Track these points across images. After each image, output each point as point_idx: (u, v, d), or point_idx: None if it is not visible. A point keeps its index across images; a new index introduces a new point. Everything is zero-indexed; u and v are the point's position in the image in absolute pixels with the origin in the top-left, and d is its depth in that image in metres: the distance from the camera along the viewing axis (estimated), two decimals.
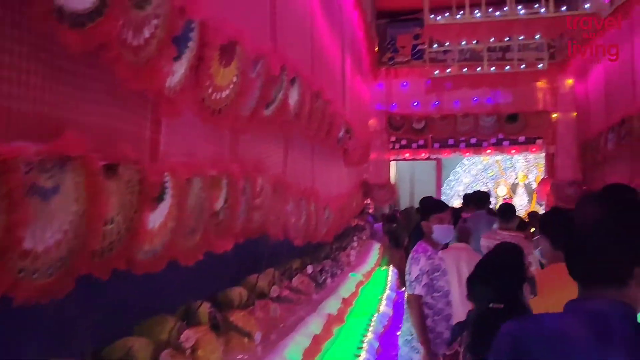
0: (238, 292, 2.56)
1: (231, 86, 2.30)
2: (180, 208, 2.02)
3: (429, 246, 4.04)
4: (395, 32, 9.23)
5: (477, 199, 6.74)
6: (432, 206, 3.99)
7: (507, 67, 6.83)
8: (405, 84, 9.56)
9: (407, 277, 4.08)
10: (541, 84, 8.76)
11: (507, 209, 5.59)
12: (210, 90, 2.15)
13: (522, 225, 6.49)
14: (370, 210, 10.86)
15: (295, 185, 3.83)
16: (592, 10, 4.33)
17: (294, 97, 3.23)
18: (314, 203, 4.40)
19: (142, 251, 1.82)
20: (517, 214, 5.94)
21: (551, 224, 2.98)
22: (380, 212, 10.69)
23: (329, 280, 4.70)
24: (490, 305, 2.35)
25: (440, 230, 3.99)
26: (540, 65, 6.89)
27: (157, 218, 1.88)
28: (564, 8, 5.20)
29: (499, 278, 2.38)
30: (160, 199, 1.87)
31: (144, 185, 1.73)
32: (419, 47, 8.24)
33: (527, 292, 2.40)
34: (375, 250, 8.24)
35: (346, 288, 4.70)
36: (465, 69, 7.23)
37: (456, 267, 4.58)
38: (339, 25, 5.18)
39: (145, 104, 1.84)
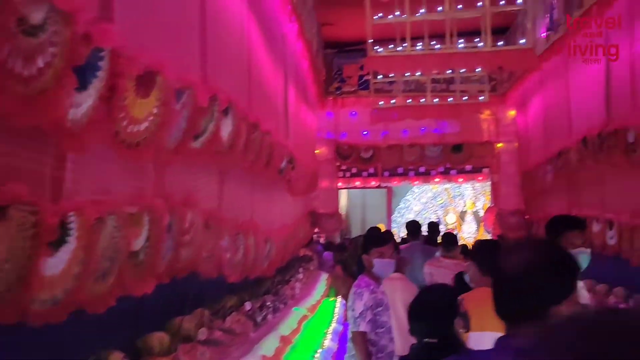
0: (158, 338, 2.37)
1: (150, 118, 2.16)
2: (88, 250, 1.86)
3: (371, 280, 3.95)
4: (342, 62, 9.30)
5: (411, 229, 6.75)
6: (373, 239, 3.90)
7: (450, 99, 6.94)
8: (354, 113, 9.62)
9: (349, 312, 3.97)
10: (485, 115, 9.00)
11: (449, 238, 5.63)
12: (125, 123, 2.01)
13: (466, 251, 6.56)
14: (321, 240, 10.77)
15: (232, 219, 3.69)
16: (528, 46, 4.43)
17: (227, 128, 3.11)
18: (253, 236, 4.25)
19: (38, 301, 1.64)
20: (459, 242, 6.00)
21: (479, 251, 3.16)
22: (330, 241, 10.61)
23: (270, 317, 4.53)
24: (425, 340, 2.46)
25: (381, 265, 3.91)
26: (481, 98, 7.04)
27: (58, 263, 1.71)
28: (501, 43, 5.34)
29: (430, 316, 2.47)
30: (61, 242, 1.70)
31: (39, 228, 1.57)
32: (365, 77, 8.29)
33: (459, 327, 2.44)
34: (323, 281, 8.10)
35: (287, 325, 4.53)
36: (410, 100, 7.31)
37: (391, 298, 4.52)
38: (281, 55, 5.12)
39: (45, 138, 1.68)
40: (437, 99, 6.93)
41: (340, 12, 8.14)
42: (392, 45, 5.57)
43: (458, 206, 16.31)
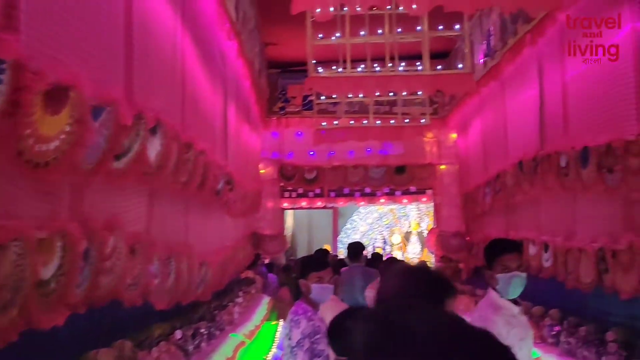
0: None
1: (62, 136, 2.00)
2: None
3: (308, 306, 3.82)
4: (286, 82, 9.28)
5: (352, 252, 6.64)
6: (312, 263, 3.78)
7: (392, 121, 7.00)
8: (300, 133, 9.58)
9: (286, 341, 3.82)
10: (427, 137, 9.12)
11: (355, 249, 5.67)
12: (31, 141, 1.85)
13: None
14: (266, 261, 10.58)
15: (163, 242, 3.51)
16: (466, 70, 4.49)
17: (155, 147, 2.96)
18: (187, 260, 4.08)
19: None
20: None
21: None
22: (274, 263, 10.43)
23: (204, 345, 4.34)
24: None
25: (319, 290, 3.78)
26: (423, 120, 7.12)
27: None
28: (440, 67, 5.41)
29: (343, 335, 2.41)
30: None
31: None
32: (310, 97, 8.28)
33: None
34: (264, 305, 7.92)
35: (221, 353, 4.34)
36: (352, 122, 7.33)
37: (327, 322, 4.40)
38: (220, 73, 5.01)
39: None
40: (379, 121, 6.99)
41: (284, 32, 8.12)
42: (335, 67, 5.55)
43: (403, 227, 16.34)
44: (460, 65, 5.02)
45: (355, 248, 6.24)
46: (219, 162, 4.66)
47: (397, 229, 16.58)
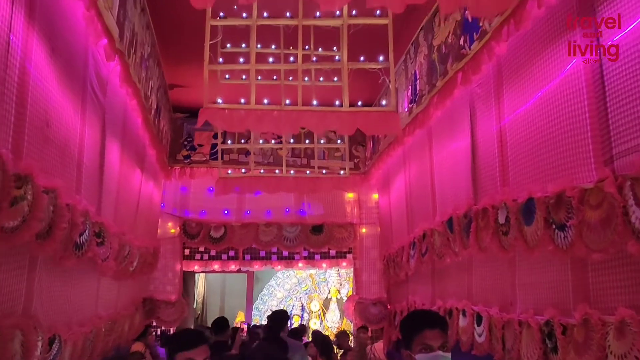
0: None
1: None
2: None
3: None
4: (193, 128, 8.32)
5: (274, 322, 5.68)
6: (179, 341, 2.80)
7: (308, 172, 6.23)
8: (211, 189, 8.60)
9: None
10: (349, 196, 8.47)
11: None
12: None
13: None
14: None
15: None
16: (390, 108, 3.82)
17: None
18: (24, 336, 2.98)
19: None
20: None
21: None
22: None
23: None
24: None
25: None
26: (342, 172, 6.41)
27: None
28: (359, 103, 4.75)
29: None
30: None
31: None
32: (220, 146, 7.43)
33: None
34: None
35: None
36: (262, 171, 6.48)
37: None
38: (93, 96, 4.05)
39: None
40: (293, 171, 6.19)
41: (191, 75, 7.32)
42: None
43: (322, 293, 15.45)
44: (384, 102, 4.42)
45: (280, 318, 5.25)
46: (81, 208, 3.63)
47: (316, 295, 15.61)
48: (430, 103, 5.02)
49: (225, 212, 8.61)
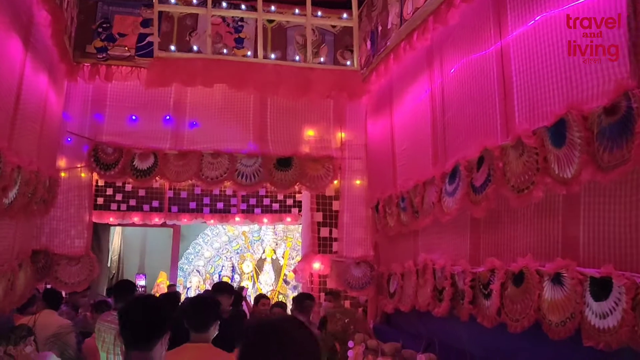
0: None
1: None
2: None
3: None
4: (112, 10, 5.77)
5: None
6: None
7: (297, 57, 4.11)
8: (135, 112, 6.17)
9: None
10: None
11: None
12: None
13: None
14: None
15: None
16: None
17: None
18: None
19: None
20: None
21: None
22: (74, 299, 6.76)
23: None
24: None
25: None
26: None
27: None
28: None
29: None
30: None
31: None
32: (150, 38, 5.10)
33: None
34: None
35: None
36: (225, 51, 4.22)
37: None
38: None
39: None
40: (274, 55, 4.07)
41: None
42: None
43: (256, 253, 14.12)
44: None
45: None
46: None
47: (249, 255, 14.13)
48: None
49: (167, 117, 6.21)
